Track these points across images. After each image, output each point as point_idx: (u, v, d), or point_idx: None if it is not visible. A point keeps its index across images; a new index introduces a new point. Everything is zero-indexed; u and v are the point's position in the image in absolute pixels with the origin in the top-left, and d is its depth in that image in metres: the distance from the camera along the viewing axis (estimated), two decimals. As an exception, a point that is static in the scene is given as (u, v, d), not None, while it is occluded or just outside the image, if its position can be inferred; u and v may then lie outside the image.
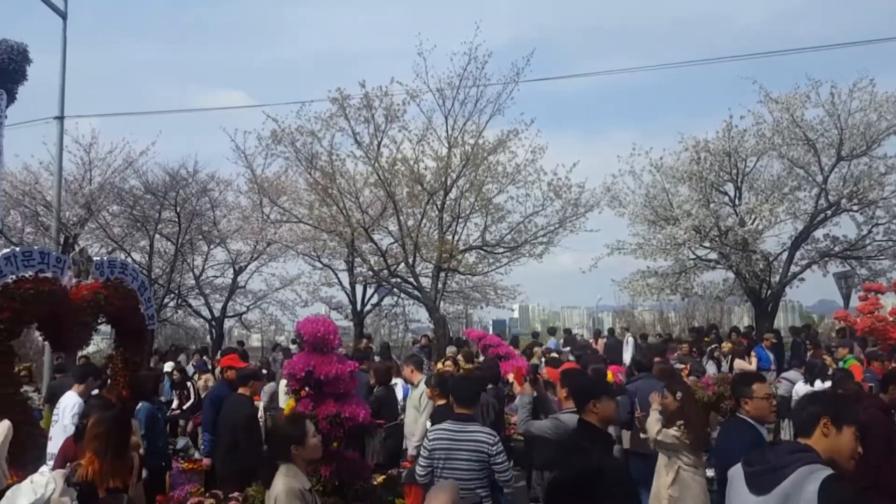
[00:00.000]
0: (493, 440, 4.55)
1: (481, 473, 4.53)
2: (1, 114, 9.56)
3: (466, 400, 4.86)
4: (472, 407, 4.84)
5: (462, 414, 4.77)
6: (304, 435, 3.94)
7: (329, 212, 17.65)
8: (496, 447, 4.52)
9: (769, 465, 2.76)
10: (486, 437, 4.56)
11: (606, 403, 4.06)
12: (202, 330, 30.27)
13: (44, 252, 9.00)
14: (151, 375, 8.39)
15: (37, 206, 20.00)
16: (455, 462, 4.56)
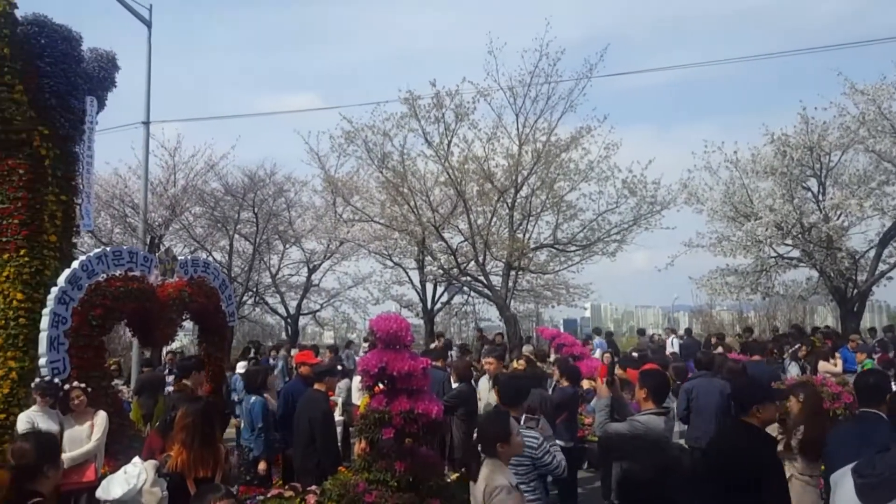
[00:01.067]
0: (537, 443, 4.55)
1: (526, 477, 4.54)
2: (92, 120, 10.03)
3: (511, 400, 4.85)
4: (517, 407, 4.80)
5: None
6: (510, 433, 4.02)
7: (400, 211, 17.81)
8: (540, 450, 4.54)
9: (883, 477, 2.63)
10: (529, 441, 4.53)
11: (769, 408, 4.17)
12: (278, 327, 31.13)
13: (132, 251, 9.41)
14: (262, 369, 8.68)
15: (125, 208, 21.00)
16: None
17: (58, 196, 9.35)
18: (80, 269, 8.26)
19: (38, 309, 8.40)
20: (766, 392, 4.31)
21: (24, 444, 3.06)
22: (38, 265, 8.93)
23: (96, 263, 8.52)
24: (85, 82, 9.84)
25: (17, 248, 8.85)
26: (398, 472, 5.22)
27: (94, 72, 10.02)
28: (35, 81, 9.06)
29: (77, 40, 9.68)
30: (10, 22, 8.76)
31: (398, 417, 5.25)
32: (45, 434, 3.40)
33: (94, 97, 10.00)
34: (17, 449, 3.06)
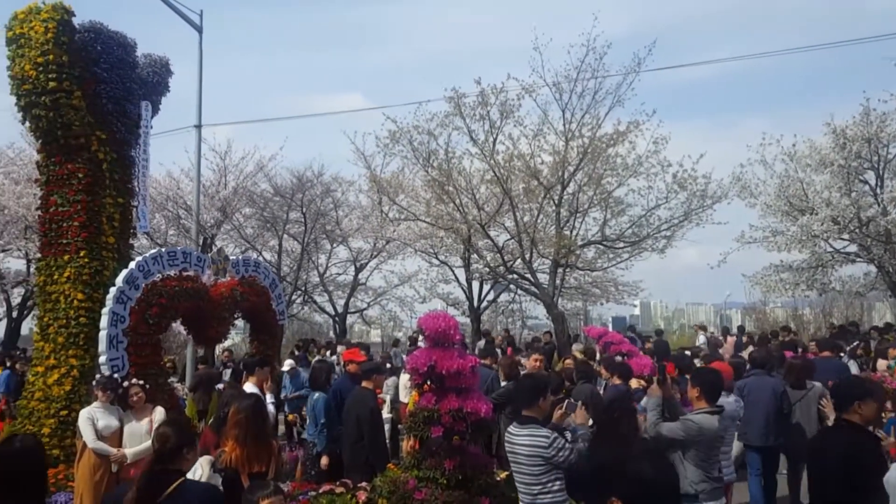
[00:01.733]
0: (548, 442, 4.46)
1: (543, 478, 4.46)
2: (147, 124, 10.31)
3: (523, 401, 4.76)
4: (531, 408, 4.71)
5: (523, 416, 4.71)
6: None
7: (446, 209, 17.83)
8: (552, 448, 4.44)
9: None
10: (540, 441, 4.47)
11: (870, 405, 4.10)
12: (326, 325, 31.52)
13: (186, 252, 9.65)
14: (325, 367, 8.83)
15: (178, 210, 21.57)
16: (518, 466, 4.58)
17: (115, 199, 9.64)
18: (137, 270, 8.51)
19: (98, 308, 8.68)
20: (866, 388, 4.21)
21: (167, 430, 3.39)
22: (98, 266, 9.23)
23: (152, 264, 8.76)
24: (140, 88, 10.13)
25: (78, 249, 9.15)
26: (448, 470, 5.24)
27: (149, 77, 10.31)
28: (92, 87, 9.36)
29: (132, 46, 9.97)
30: (69, 30, 9.06)
31: (447, 416, 5.27)
32: (184, 420, 3.71)
33: (148, 102, 10.28)
34: (161, 434, 3.37)
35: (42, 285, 9.35)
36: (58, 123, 9.03)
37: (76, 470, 6.78)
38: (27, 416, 8.79)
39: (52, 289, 9.17)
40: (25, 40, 8.84)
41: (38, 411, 8.73)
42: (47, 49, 8.75)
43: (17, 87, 8.98)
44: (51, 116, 8.95)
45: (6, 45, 9.03)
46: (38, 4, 8.98)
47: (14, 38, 8.93)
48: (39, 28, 8.79)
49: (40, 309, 9.43)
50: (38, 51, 8.77)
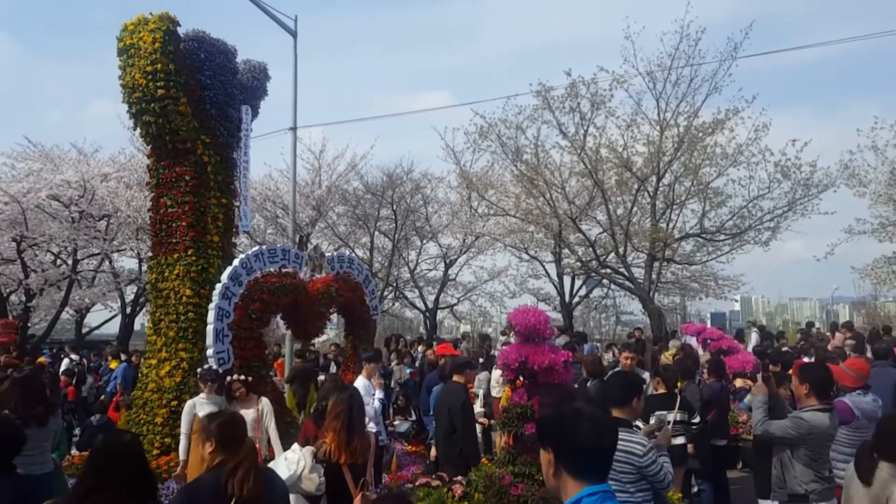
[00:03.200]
0: (643, 450, 4.13)
1: (631, 486, 4.20)
2: (247, 127, 10.72)
3: (614, 401, 4.43)
4: (623, 408, 4.38)
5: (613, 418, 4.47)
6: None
7: (535, 203, 17.68)
8: (646, 458, 4.12)
9: None
10: (634, 448, 4.14)
11: None
12: (416, 321, 31.93)
13: (285, 249, 9.97)
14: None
15: (276, 210, 22.36)
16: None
17: (219, 199, 10.07)
18: (241, 267, 8.85)
19: (205, 304, 9.10)
20: None
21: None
22: (204, 263, 9.68)
23: (254, 261, 9.10)
24: (240, 92, 10.54)
25: (186, 248, 9.63)
26: (541, 466, 5.19)
27: (249, 82, 10.71)
28: (197, 93, 9.81)
29: (233, 53, 10.39)
30: (175, 39, 9.53)
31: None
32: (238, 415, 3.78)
33: (248, 106, 10.68)
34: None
35: (154, 282, 9.89)
36: (166, 129, 9.51)
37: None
38: (141, 406, 9.34)
39: (163, 286, 9.69)
40: (135, 50, 9.35)
41: (152, 402, 9.26)
42: (155, 58, 9.23)
43: (129, 95, 9.51)
44: (160, 122, 9.44)
45: (117, 55, 9.58)
46: (145, 15, 9.49)
47: (125, 49, 9.47)
48: (148, 38, 9.28)
49: (152, 305, 9.99)
50: (147, 60, 9.26)
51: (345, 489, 4.27)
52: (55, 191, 18.57)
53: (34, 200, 18.30)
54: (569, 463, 1.95)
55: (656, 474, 4.15)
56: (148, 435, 9.06)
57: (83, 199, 19.07)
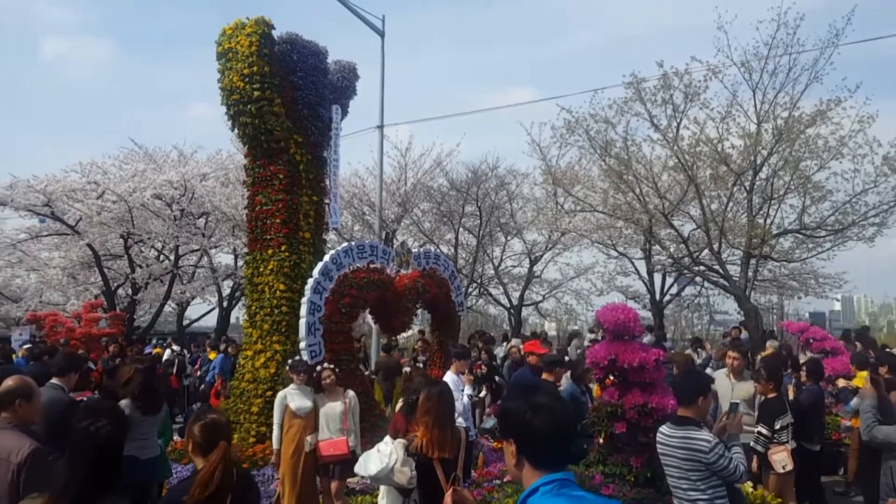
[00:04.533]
0: (709, 447, 4.06)
1: (701, 484, 4.10)
2: (337, 127, 10.98)
3: (682, 400, 4.34)
4: (689, 407, 4.28)
5: (678, 416, 4.33)
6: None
7: (624, 198, 17.26)
8: (713, 454, 4.04)
9: None
10: (700, 445, 4.08)
11: None
12: (500, 318, 31.86)
13: (373, 245, 10.16)
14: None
15: (363, 207, 22.80)
16: (671, 469, 4.23)
17: (310, 197, 10.36)
18: (331, 262, 9.08)
19: (297, 298, 9.39)
20: None
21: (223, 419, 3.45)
22: (296, 259, 9.98)
23: (343, 257, 9.31)
24: (331, 92, 10.80)
25: (279, 244, 9.96)
26: (635, 468, 5.06)
27: (339, 82, 10.96)
28: (290, 94, 10.12)
29: (324, 54, 10.65)
30: (269, 42, 9.86)
31: (631, 411, 5.09)
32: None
33: (338, 106, 10.94)
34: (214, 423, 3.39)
35: (250, 277, 10.28)
36: (261, 129, 9.86)
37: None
38: (238, 396, 9.73)
39: (258, 280, 10.05)
40: (233, 54, 9.73)
41: (248, 392, 9.63)
42: (252, 61, 9.58)
43: (227, 97, 9.92)
44: (256, 123, 9.79)
45: (216, 59, 10.00)
46: (242, 20, 9.86)
47: (223, 53, 9.87)
48: (245, 42, 9.64)
49: (248, 299, 10.38)
50: (244, 63, 9.63)
51: (436, 484, 4.28)
52: (159, 190, 19.58)
53: (140, 199, 19.35)
54: (529, 454, 2.00)
55: (725, 468, 4.08)
56: (244, 423, 9.44)
57: (184, 198, 20.04)
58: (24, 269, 23.50)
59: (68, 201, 19.24)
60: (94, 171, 20.65)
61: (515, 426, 2.04)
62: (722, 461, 4.06)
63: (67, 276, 22.22)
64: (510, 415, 2.07)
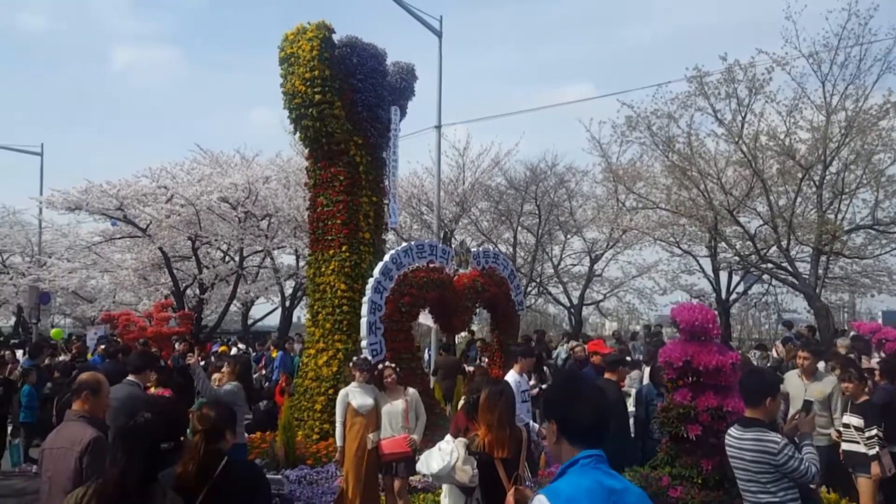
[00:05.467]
0: (777, 448, 3.92)
1: (771, 486, 3.96)
2: (396, 128, 11.08)
3: (749, 401, 4.20)
4: (756, 408, 4.12)
5: (746, 418, 4.19)
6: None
7: (688, 195, 16.88)
8: (782, 455, 3.91)
9: None
10: (770, 447, 3.94)
11: None
12: (558, 317, 31.56)
13: (433, 245, 10.22)
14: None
15: (421, 207, 22.94)
16: (741, 472, 4.10)
17: (370, 198, 10.48)
18: (391, 262, 9.17)
19: (358, 298, 9.52)
20: None
21: (209, 411, 3.47)
22: (356, 259, 10.12)
23: (403, 256, 9.39)
24: (390, 94, 10.91)
25: (340, 244, 10.12)
26: (706, 470, 4.94)
27: (397, 83, 11.05)
28: (350, 97, 10.26)
29: (383, 57, 10.77)
30: (330, 46, 10.02)
31: (705, 414, 4.97)
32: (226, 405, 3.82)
33: (397, 107, 11.03)
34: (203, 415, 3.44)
35: (312, 277, 10.47)
36: (322, 132, 10.03)
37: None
38: (302, 394, 9.93)
39: (319, 280, 10.24)
40: (295, 59, 9.93)
41: (311, 389, 9.81)
42: (313, 65, 9.76)
43: (289, 101, 10.13)
44: (317, 126, 9.97)
45: (279, 64, 10.22)
46: (304, 25, 10.05)
47: (285, 58, 10.09)
48: (306, 46, 9.82)
49: (311, 298, 10.58)
50: (305, 67, 9.81)
51: (498, 482, 4.28)
52: (224, 193, 20.14)
53: (206, 202, 19.94)
54: (569, 434, 2.34)
55: (796, 469, 3.96)
56: (308, 420, 9.62)
57: (248, 200, 20.55)
58: (99, 271, 24.50)
59: (139, 205, 19.97)
60: (163, 176, 21.40)
61: (559, 409, 2.39)
62: (792, 462, 3.94)
63: (139, 277, 23.08)
64: (554, 401, 2.45)
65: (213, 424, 3.37)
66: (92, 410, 4.10)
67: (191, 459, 3.23)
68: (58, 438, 3.90)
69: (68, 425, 3.99)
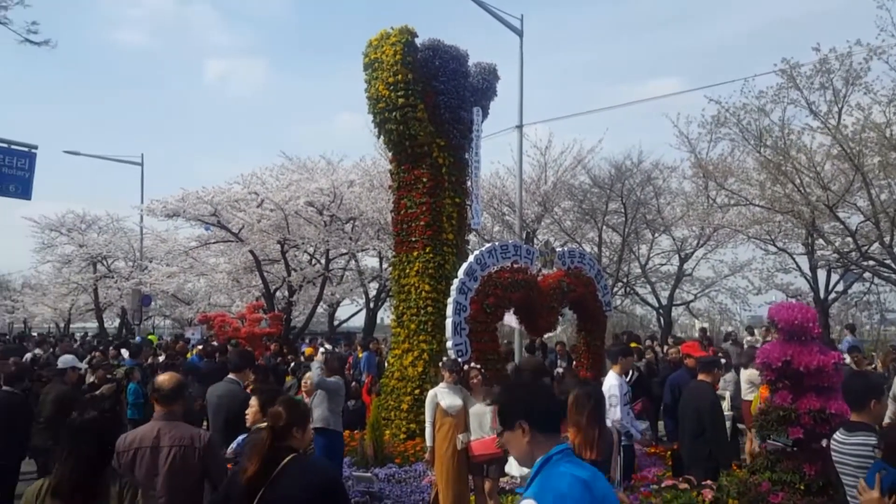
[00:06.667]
0: (870, 451, 3.72)
1: None
2: (478, 129, 11.10)
3: (852, 404, 4.00)
4: (861, 412, 3.92)
5: (851, 422, 3.97)
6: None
7: (783, 191, 16.15)
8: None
9: None
10: (862, 450, 3.79)
11: None
12: (645, 318, 30.80)
13: (517, 245, 10.16)
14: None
15: (502, 207, 22.87)
16: (846, 477, 3.90)
17: (453, 199, 10.54)
18: (475, 262, 9.17)
19: (442, 299, 9.59)
20: None
21: (279, 408, 3.54)
22: (440, 260, 10.20)
23: (487, 257, 9.38)
24: (471, 95, 10.93)
25: (424, 246, 10.22)
26: (808, 475, 4.71)
27: (479, 84, 11.06)
28: (432, 99, 10.35)
29: (465, 58, 10.81)
30: (413, 49, 10.14)
31: (806, 416, 4.74)
32: (298, 400, 3.93)
33: (479, 108, 11.05)
34: (274, 412, 3.52)
35: (396, 279, 10.62)
36: (406, 135, 10.16)
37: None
38: (389, 393, 10.08)
39: (404, 282, 10.37)
40: (378, 64, 10.11)
41: (398, 389, 9.95)
42: (397, 69, 9.90)
43: (373, 106, 10.32)
44: (400, 129, 10.11)
45: (363, 69, 10.43)
46: (387, 30, 10.21)
47: (370, 63, 10.28)
48: (389, 51, 9.98)
49: (396, 299, 10.74)
50: (388, 72, 9.97)
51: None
52: (311, 197, 20.70)
53: (294, 207, 20.55)
54: (541, 426, 2.50)
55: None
56: (395, 420, 9.76)
57: (333, 204, 21.05)
58: (195, 274, 25.66)
59: (232, 211, 20.78)
60: (253, 182, 22.19)
61: (523, 409, 2.53)
62: None
63: (232, 280, 24.03)
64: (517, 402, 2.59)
65: (282, 422, 3.46)
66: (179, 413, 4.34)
67: (258, 455, 3.32)
68: (164, 437, 4.12)
69: (177, 424, 4.21)
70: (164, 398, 4.24)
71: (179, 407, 4.31)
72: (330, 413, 7.23)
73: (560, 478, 2.37)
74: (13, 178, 11.95)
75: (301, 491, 3.28)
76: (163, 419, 4.19)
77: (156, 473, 3.99)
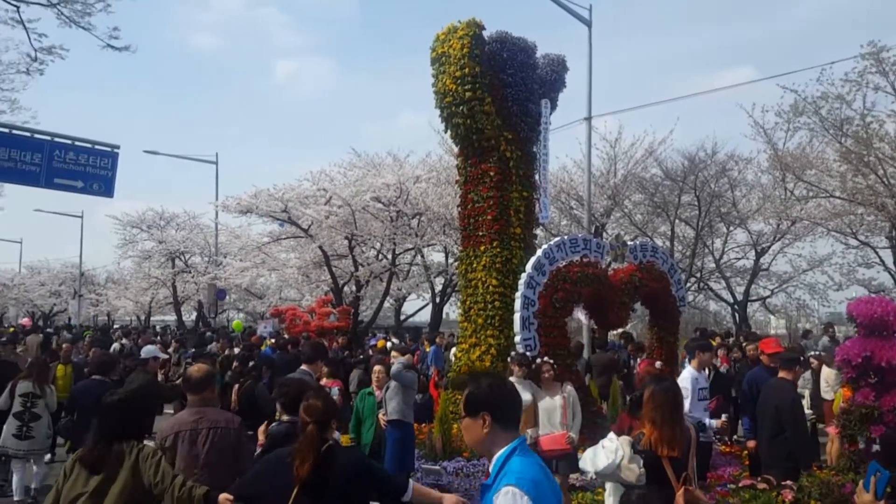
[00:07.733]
0: None
1: None
2: (546, 121, 10.97)
3: None
4: None
5: None
6: None
7: (865, 182, 15.42)
8: None
9: None
10: None
11: None
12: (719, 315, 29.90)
13: (586, 239, 10.02)
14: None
15: (570, 201, 22.57)
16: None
17: (520, 193, 10.46)
18: (544, 257, 9.10)
19: (510, 293, 9.53)
20: None
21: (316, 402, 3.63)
22: (507, 255, 10.14)
23: (556, 251, 9.28)
24: (540, 87, 10.82)
25: (491, 240, 10.17)
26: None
27: (547, 76, 10.93)
28: (500, 92, 10.28)
29: (533, 50, 10.69)
30: (480, 42, 10.09)
31: (890, 414, 4.51)
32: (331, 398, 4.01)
33: (547, 100, 10.92)
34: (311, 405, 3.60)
35: (463, 273, 10.62)
36: (473, 129, 10.13)
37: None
38: (457, 388, 10.09)
39: (471, 276, 10.35)
40: (446, 58, 10.10)
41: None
42: (464, 63, 9.87)
43: (441, 100, 10.32)
44: (468, 123, 10.09)
45: (430, 64, 10.44)
46: (454, 24, 10.19)
47: (437, 58, 10.29)
48: (457, 45, 9.95)
49: (463, 294, 10.73)
50: (456, 66, 9.95)
51: (666, 482, 4.12)
52: (378, 193, 20.94)
53: (361, 203, 20.83)
54: (503, 422, 2.66)
55: None
56: (463, 414, 9.76)
57: (399, 200, 21.22)
58: (267, 269, 26.35)
59: (301, 207, 21.22)
60: (322, 179, 22.59)
61: (490, 404, 2.67)
62: None
63: (302, 275, 24.55)
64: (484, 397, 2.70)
65: (322, 414, 3.55)
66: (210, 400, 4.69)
67: (309, 449, 3.42)
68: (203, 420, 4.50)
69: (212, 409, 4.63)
70: (195, 386, 4.57)
71: (210, 393, 4.66)
72: (405, 405, 7.34)
73: (530, 466, 2.59)
74: (97, 176, 12.55)
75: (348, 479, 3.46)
76: (199, 405, 4.52)
77: (196, 453, 4.32)
